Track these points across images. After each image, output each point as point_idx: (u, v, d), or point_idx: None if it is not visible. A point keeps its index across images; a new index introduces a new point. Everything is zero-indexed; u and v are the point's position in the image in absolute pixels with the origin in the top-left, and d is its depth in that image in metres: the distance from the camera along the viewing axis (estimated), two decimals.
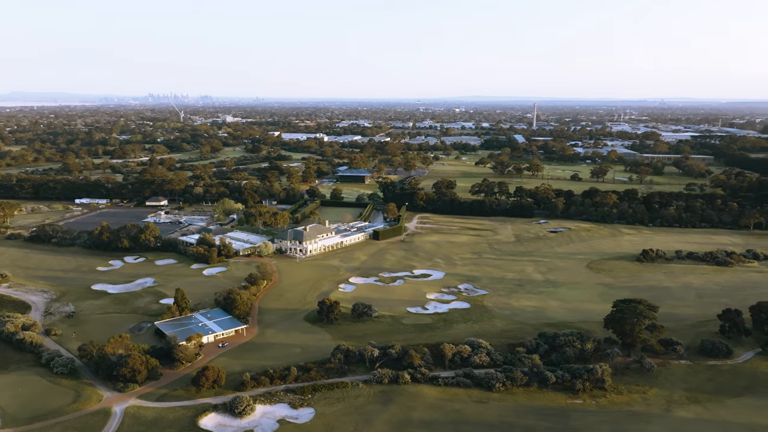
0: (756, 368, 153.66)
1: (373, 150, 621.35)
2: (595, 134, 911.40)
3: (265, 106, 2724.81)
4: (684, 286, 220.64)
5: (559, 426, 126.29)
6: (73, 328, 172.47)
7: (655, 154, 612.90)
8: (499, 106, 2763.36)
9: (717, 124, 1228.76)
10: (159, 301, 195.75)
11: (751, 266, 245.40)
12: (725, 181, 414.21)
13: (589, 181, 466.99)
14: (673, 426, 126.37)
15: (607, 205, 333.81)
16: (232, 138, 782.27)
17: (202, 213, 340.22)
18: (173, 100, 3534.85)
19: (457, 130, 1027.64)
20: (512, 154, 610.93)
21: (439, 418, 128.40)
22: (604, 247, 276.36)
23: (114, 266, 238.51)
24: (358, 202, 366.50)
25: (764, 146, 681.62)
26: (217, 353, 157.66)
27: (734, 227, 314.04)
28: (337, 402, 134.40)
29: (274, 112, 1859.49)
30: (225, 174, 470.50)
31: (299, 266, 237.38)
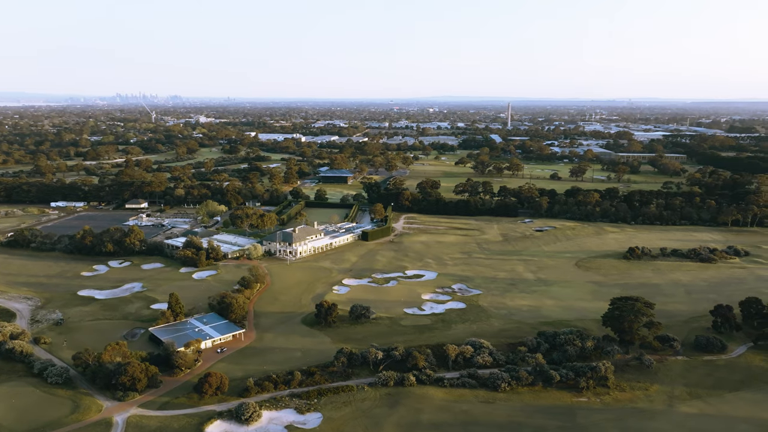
0: (750, 362, 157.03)
1: (353, 150, 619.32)
2: (570, 134, 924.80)
3: (237, 107, 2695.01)
4: (672, 282, 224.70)
5: (567, 425, 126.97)
6: (62, 336, 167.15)
7: (630, 153, 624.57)
8: (471, 106, 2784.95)
9: (685, 124, 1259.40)
10: (150, 307, 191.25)
11: (734, 262, 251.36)
12: (701, 179, 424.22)
13: (569, 180, 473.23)
14: (678, 422, 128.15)
15: (590, 203, 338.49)
16: (208, 139, 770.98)
17: (185, 215, 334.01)
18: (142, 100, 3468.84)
19: (434, 130, 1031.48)
20: (491, 153, 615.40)
21: (448, 420, 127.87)
22: (590, 246, 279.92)
23: (99, 271, 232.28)
24: (342, 203, 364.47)
25: (732, 145, 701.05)
26: (216, 359, 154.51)
27: (713, 224, 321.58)
28: (343, 406, 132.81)
29: (247, 113, 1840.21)
30: (204, 175, 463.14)
31: (290, 268, 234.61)
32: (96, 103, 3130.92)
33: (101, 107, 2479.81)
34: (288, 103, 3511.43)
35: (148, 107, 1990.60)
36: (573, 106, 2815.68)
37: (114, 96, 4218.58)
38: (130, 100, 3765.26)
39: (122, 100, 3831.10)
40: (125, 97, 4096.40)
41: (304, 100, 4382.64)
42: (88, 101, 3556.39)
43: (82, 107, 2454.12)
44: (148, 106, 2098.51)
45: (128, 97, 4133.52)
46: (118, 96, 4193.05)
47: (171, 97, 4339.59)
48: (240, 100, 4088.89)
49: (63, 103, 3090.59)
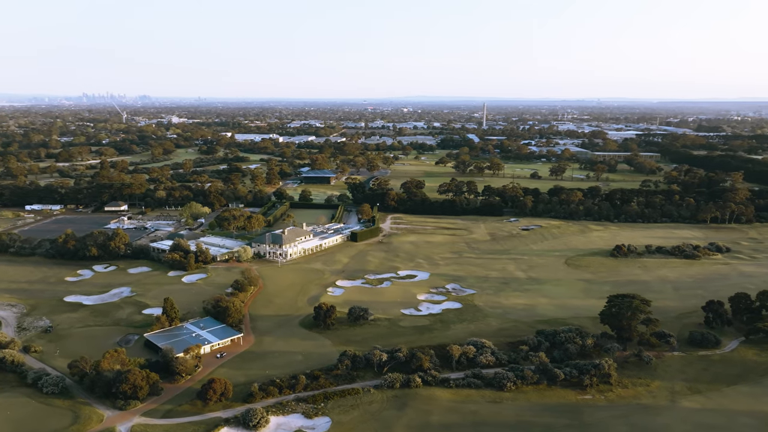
0: (744, 357, 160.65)
1: (332, 150, 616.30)
2: (545, 133, 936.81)
3: (208, 107, 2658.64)
4: (660, 279, 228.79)
5: (575, 423, 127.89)
6: (53, 344, 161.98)
7: (605, 152, 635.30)
8: (445, 106, 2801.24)
9: (655, 123, 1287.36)
10: (141, 312, 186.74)
11: (717, 259, 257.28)
12: (677, 177, 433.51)
13: (549, 179, 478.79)
14: (682, 417, 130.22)
15: (573, 202, 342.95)
16: (184, 139, 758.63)
17: (168, 218, 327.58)
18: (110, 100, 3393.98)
19: (410, 130, 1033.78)
20: (470, 153, 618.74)
21: (457, 421, 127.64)
22: (576, 244, 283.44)
23: (84, 276, 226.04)
24: (327, 204, 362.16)
25: (703, 144, 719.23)
26: (216, 364, 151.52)
27: (693, 221, 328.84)
28: (351, 409, 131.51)
29: (220, 113, 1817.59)
30: (183, 177, 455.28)
31: (282, 271, 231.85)
32: (62, 103, 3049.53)
33: (68, 107, 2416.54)
34: (261, 103, 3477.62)
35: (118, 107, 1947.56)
36: (544, 106, 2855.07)
37: (80, 96, 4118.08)
38: (97, 100, 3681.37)
39: (89, 100, 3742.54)
40: (92, 97, 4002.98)
41: (277, 100, 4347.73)
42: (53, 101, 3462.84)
43: (48, 107, 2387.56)
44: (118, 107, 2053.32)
45: (95, 97, 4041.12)
46: (84, 96, 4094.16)
47: (140, 97, 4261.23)
48: (211, 100, 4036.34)
49: (27, 104, 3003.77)
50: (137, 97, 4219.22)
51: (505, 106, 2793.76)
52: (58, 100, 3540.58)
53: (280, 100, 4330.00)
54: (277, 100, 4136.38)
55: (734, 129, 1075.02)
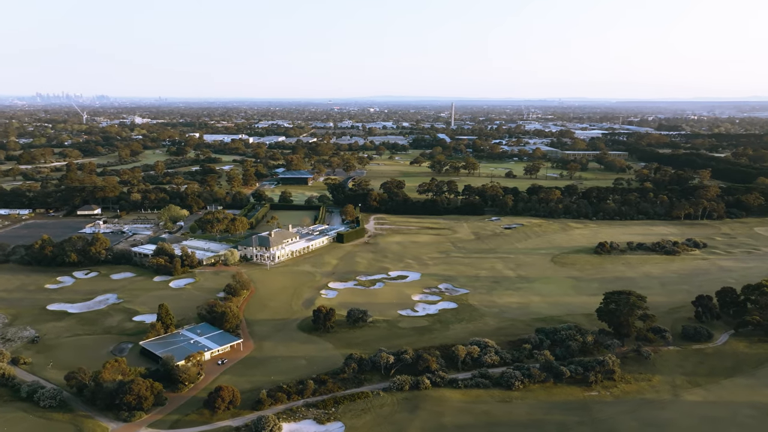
0: (736, 349, 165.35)
1: (306, 151, 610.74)
2: (513, 133, 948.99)
3: (170, 107, 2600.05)
4: (645, 275, 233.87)
5: (585, 419, 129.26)
6: (42, 355, 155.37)
7: (575, 151, 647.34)
8: (411, 106, 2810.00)
9: (617, 122, 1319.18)
10: (132, 319, 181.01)
11: (695, 254, 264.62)
12: (648, 175, 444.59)
13: (524, 178, 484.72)
14: (687, 410, 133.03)
15: (552, 201, 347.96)
16: (150, 140, 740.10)
17: (146, 221, 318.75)
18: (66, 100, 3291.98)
19: (380, 130, 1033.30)
20: (443, 153, 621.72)
21: (470, 422, 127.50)
22: (560, 242, 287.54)
23: (64, 283, 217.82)
24: (308, 205, 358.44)
25: (666, 142, 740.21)
26: (218, 371, 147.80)
27: (667, 218, 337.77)
28: (363, 413, 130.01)
29: (183, 113, 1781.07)
30: (156, 179, 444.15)
31: (272, 274, 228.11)
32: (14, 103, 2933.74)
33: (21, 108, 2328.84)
34: (224, 103, 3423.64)
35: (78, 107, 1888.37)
36: (509, 106, 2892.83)
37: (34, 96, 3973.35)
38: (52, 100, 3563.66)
39: (43, 100, 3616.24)
40: (46, 97, 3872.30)
41: (240, 100, 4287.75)
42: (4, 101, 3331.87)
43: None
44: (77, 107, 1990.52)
45: (50, 96, 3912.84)
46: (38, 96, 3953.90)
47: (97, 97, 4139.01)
48: (172, 100, 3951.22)
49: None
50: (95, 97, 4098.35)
51: (470, 106, 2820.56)
52: (9, 100, 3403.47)
53: (244, 100, 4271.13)
54: (240, 100, 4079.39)
55: (693, 128, 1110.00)
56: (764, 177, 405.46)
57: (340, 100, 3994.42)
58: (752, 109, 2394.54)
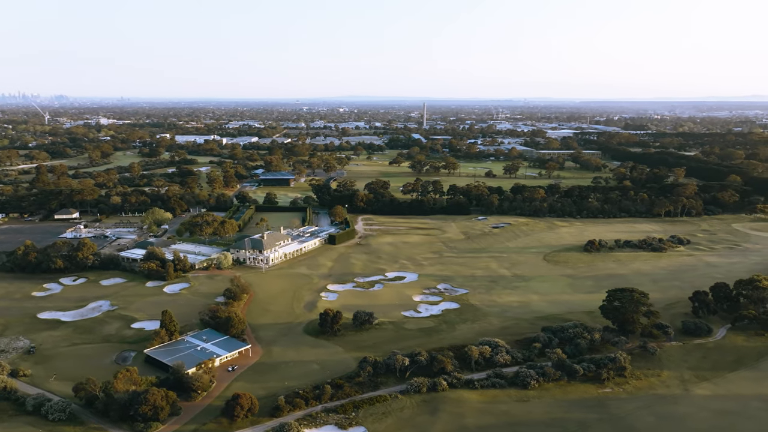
0: (735, 343, 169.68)
1: (282, 151, 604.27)
2: (487, 132, 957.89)
3: (133, 107, 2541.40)
4: (636, 272, 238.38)
5: (604, 416, 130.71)
6: (41, 366, 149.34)
7: (550, 150, 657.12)
8: (379, 106, 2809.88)
9: (585, 122, 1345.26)
10: (131, 326, 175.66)
11: (681, 251, 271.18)
12: (626, 174, 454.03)
13: (503, 177, 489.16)
14: (700, 404, 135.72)
15: (537, 199, 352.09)
16: (121, 141, 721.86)
17: (129, 224, 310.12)
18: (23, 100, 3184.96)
19: (353, 130, 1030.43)
20: (420, 153, 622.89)
21: (492, 422, 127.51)
22: (548, 240, 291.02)
23: (52, 290, 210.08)
24: (293, 206, 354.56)
25: (636, 141, 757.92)
26: (229, 378, 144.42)
27: (648, 215, 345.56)
28: (384, 417, 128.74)
29: (148, 113, 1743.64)
30: (132, 181, 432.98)
31: (268, 277, 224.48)
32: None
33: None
34: (189, 103, 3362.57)
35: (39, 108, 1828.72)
36: (476, 106, 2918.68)
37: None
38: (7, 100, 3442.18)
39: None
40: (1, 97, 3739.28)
41: (206, 100, 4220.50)
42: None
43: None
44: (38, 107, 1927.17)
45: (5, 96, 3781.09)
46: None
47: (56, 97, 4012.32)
48: (136, 100, 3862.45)
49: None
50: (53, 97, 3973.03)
51: (439, 106, 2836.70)
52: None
53: (209, 100, 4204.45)
54: (206, 101, 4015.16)
55: (658, 127, 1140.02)
56: (735, 175, 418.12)
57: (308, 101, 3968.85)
58: (710, 108, 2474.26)
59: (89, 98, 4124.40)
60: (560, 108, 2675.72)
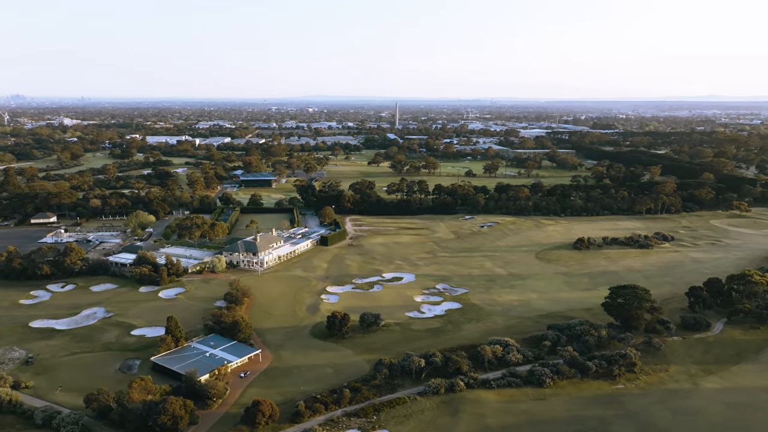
0: (733, 336, 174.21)
1: (259, 152, 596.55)
2: (460, 132, 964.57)
3: (95, 107, 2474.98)
4: (627, 269, 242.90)
5: (621, 412, 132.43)
6: (42, 377, 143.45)
7: (525, 149, 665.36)
8: (349, 106, 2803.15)
9: (553, 122, 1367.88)
10: (130, 333, 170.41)
11: (666, 247, 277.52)
12: (603, 173, 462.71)
13: (484, 176, 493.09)
14: (711, 398, 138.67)
15: (521, 198, 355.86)
16: (90, 143, 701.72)
17: (111, 228, 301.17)
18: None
19: (326, 130, 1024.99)
20: (398, 153, 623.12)
21: (514, 422, 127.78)
22: (537, 239, 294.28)
23: (40, 297, 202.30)
24: (279, 208, 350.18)
25: (607, 140, 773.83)
26: (243, 384, 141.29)
27: (630, 213, 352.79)
28: (406, 420, 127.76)
29: (112, 114, 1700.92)
30: (108, 183, 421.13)
31: (265, 280, 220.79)
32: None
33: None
34: (153, 103, 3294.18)
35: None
36: (444, 106, 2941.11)
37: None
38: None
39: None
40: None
41: (171, 100, 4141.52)
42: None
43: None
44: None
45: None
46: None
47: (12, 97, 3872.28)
48: (97, 100, 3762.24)
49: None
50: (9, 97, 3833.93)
51: (408, 106, 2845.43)
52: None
53: (174, 100, 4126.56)
54: (170, 100, 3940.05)
55: (624, 126, 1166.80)
56: (708, 173, 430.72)
57: (275, 100, 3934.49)
58: (670, 108, 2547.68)
59: (48, 98, 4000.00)
60: (527, 108, 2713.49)
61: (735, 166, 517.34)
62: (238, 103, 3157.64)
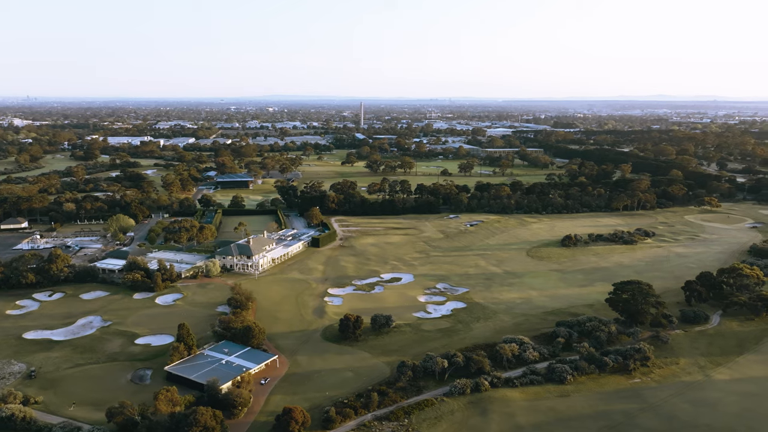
0: (732, 328, 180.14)
1: (229, 152, 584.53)
2: (427, 132, 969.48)
3: (44, 106, 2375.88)
4: (618, 265, 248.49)
5: (644, 406, 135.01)
6: (50, 392, 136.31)
7: (495, 148, 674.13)
8: (309, 106, 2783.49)
9: (515, 120, 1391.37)
10: (134, 342, 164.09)
11: (649, 243, 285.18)
12: (576, 171, 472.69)
13: (459, 175, 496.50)
14: (724, 389, 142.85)
15: (504, 197, 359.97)
16: (48, 144, 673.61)
17: (90, 233, 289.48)
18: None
19: (292, 130, 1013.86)
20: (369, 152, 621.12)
21: (543, 419, 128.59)
22: (524, 236, 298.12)
23: (28, 307, 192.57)
24: (262, 209, 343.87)
25: (573, 139, 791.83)
26: (265, 391, 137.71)
27: (608, 210, 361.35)
28: (437, 421, 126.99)
29: (64, 114, 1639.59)
30: (77, 186, 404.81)
31: (263, 283, 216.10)
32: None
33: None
34: (105, 102, 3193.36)
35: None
36: (405, 105, 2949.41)
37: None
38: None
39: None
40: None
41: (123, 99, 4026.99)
42: None
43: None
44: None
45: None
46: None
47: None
48: (45, 100, 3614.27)
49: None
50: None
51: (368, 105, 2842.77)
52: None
53: (127, 99, 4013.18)
54: (123, 100, 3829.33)
55: (583, 125, 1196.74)
56: (676, 170, 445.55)
57: (233, 100, 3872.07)
58: (623, 107, 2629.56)
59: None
60: (485, 107, 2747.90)
61: (698, 163, 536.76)
62: (193, 103, 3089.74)
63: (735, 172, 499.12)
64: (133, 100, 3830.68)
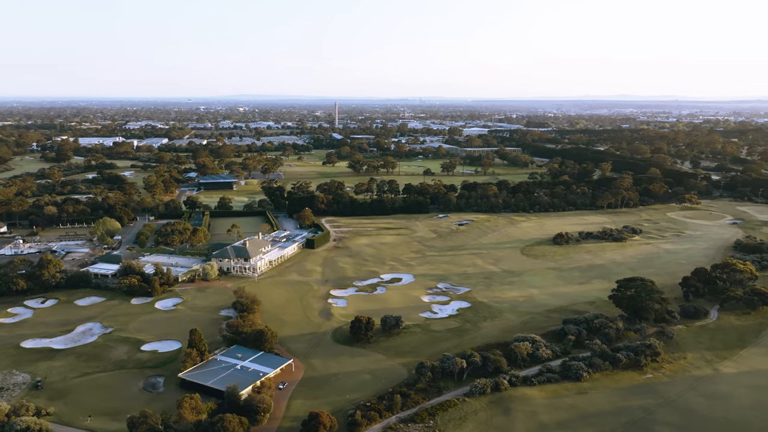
0: (731, 322, 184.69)
1: (207, 153, 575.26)
2: (404, 131, 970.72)
3: (3, 106, 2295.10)
4: (612, 262, 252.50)
5: (660, 401, 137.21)
6: (60, 402, 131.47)
7: (474, 148, 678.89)
8: (280, 105, 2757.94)
9: (488, 120, 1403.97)
10: (141, 349, 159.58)
11: (638, 240, 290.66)
12: (558, 169, 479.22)
13: (442, 175, 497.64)
14: (734, 381, 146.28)
15: (491, 196, 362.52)
16: (16, 145, 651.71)
17: (75, 237, 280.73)
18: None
19: (267, 130, 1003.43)
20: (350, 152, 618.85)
21: (566, 417, 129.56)
22: (516, 235, 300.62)
23: (22, 315, 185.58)
24: (250, 211, 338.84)
25: (548, 138, 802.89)
26: (284, 396, 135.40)
27: (593, 208, 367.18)
28: (462, 422, 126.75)
29: (26, 114, 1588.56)
30: (54, 189, 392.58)
31: (263, 286, 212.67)
32: None
33: None
34: (68, 102, 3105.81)
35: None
36: (377, 106, 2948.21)
37: None
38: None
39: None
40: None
41: (87, 99, 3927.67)
42: None
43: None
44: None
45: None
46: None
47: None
48: (4, 100, 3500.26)
49: None
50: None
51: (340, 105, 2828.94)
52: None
53: (90, 99, 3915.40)
54: (86, 100, 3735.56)
55: (555, 124, 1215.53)
56: (654, 168, 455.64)
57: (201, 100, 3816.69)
58: (590, 107, 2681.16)
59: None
60: (456, 107, 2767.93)
61: (672, 161, 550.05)
62: (160, 103, 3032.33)
63: (709, 170, 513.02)
64: (97, 99, 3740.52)
